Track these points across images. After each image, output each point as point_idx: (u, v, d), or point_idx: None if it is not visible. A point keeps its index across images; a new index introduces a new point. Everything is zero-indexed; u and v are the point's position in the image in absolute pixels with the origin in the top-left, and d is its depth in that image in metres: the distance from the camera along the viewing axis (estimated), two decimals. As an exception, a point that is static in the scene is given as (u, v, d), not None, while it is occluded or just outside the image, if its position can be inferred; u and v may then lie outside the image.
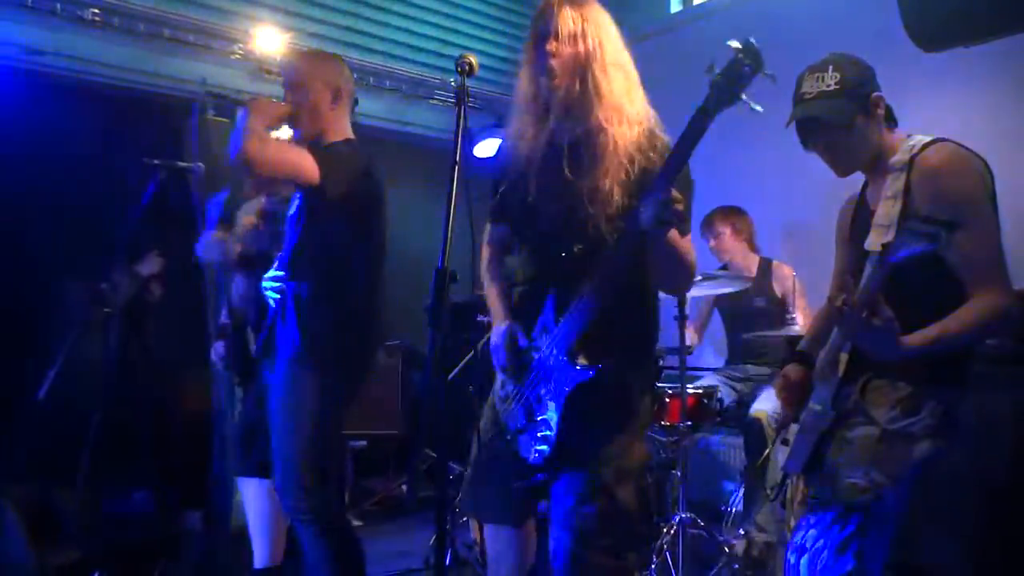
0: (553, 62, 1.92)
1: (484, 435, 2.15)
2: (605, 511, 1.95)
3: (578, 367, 1.92)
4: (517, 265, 2.14)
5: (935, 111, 3.78)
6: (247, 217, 3.19)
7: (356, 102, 4.55)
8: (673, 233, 1.80)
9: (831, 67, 1.95)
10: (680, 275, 2.01)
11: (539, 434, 2.03)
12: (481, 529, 2.64)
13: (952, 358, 1.89)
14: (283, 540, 3.06)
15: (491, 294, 2.19)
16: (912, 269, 1.65)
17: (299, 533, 2.57)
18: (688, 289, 2.09)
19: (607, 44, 1.94)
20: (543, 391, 2.01)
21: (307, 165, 2.35)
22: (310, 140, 2.60)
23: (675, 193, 1.69)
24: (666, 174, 1.71)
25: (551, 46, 1.92)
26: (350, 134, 2.64)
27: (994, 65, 3.65)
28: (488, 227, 2.25)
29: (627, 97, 1.95)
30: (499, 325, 2.10)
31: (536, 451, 2.03)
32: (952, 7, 3.09)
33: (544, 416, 2.02)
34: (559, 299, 1.95)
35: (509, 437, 2.10)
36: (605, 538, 1.95)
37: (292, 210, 2.67)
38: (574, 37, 1.92)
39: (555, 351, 1.96)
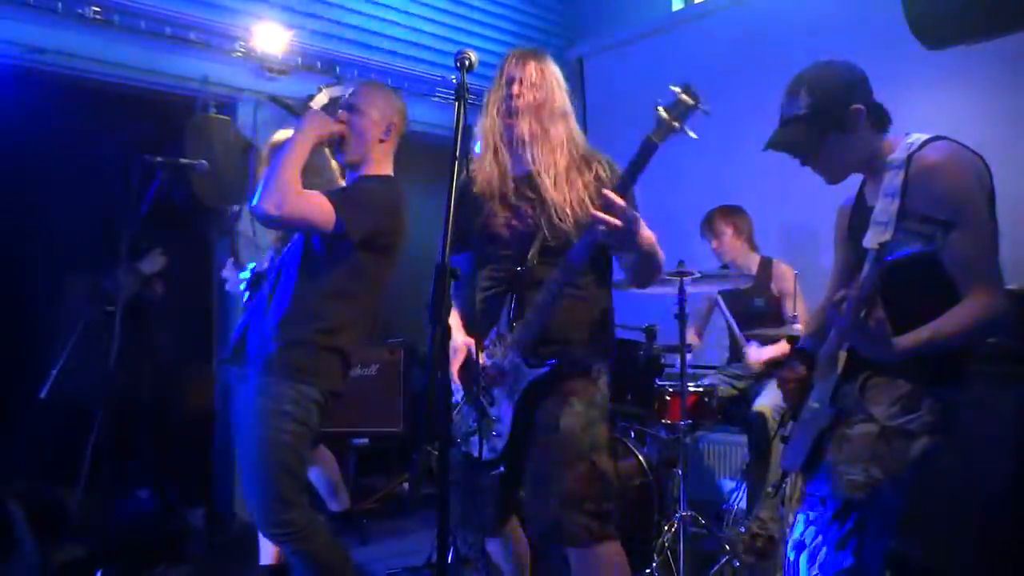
0: (518, 103, 2.23)
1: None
2: (588, 475, 2.15)
3: (532, 366, 2.17)
4: (481, 278, 2.37)
5: (938, 109, 3.78)
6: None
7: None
8: (650, 233, 2.06)
9: (803, 90, 1.97)
10: (653, 270, 2.23)
11: (492, 432, 2.22)
12: None
13: (951, 356, 1.89)
14: None
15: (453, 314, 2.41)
16: (906, 268, 1.65)
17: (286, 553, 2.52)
18: (651, 284, 2.34)
19: (558, 93, 2.28)
20: (495, 391, 2.23)
21: (320, 216, 2.40)
22: (350, 166, 2.63)
23: (626, 205, 1.93)
24: (618, 188, 1.97)
25: (515, 90, 2.24)
26: (390, 171, 2.66)
27: (998, 64, 3.64)
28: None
29: (570, 136, 2.28)
30: (455, 340, 2.30)
31: (489, 447, 2.22)
32: (956, 5, 3.09)
33: (496, 414, 2.22)
34: (516, 307, 2.21)
35: (460, 440, 2.30)
36: (589, 503, 2.14)
37: None
38: (534, 85, 2.25)
39: (510, 355, 2.19)
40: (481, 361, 2.25)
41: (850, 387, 1.96)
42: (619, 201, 1.91)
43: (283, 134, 3.24)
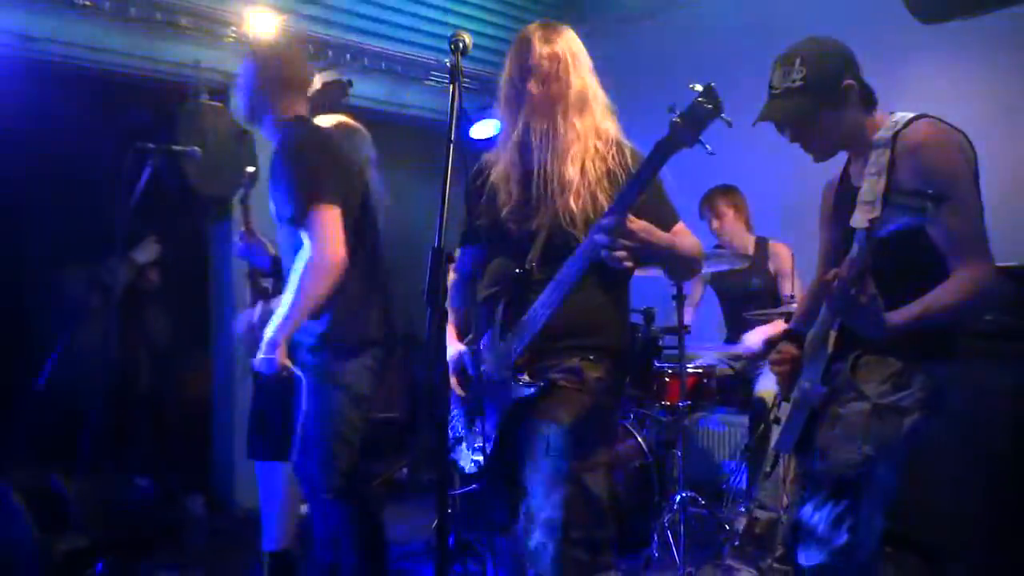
0: (530, 90, 2.03)
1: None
2: (574, 500, 1.92)
3: (520, 383, 1.98)
4: (485, 277, 2.21)
5: (933, 83, 3.77)
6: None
7: (350, 84, 4.54)
8: (666, 237, 1.93)
9: (798, 60, 1.94)
10: (683, 265, 2.11)
11: (476, 444, 2.10)
12: None
13: (941, 333, 1.89)
14: (294, 524, 3.08)
15: (449, 319, 2.27)
16: (894, 245, 1.65)
17: (322, 512, 2.63)
18: (696, 273, 2.20)
19: (577, 75, 2.06)
20: (485, 403, 2.10)
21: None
22: (257, 121, 2.72)
23: (631, 224, 1.79)
24: (620, 202, 1.81)
25: (527, 75, 2.04)
26: (302, 111, 2.72)
27: (992, 37, 3.63)
28: (458, 252, 2.30)
29: (590, 125, 2.06)
30: (451, 348, 2.18)
31: (472, 461, 2.12)
32: (950, -21, 3.08)
33: (483, 429, 2.09)
34: (507, 314, 2.04)
35: (450, 447, 2.19)
36: (576, 530, 1.92)
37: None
38: (547, 72, 2.03)
39: (500, 364, 2.04)
40: (475, 369, 2.12)
41: (841, 366, 1.96)
42: (618, 227, 1.76)
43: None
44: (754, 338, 3.83)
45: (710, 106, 1.66)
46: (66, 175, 4.12)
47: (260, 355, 2.46)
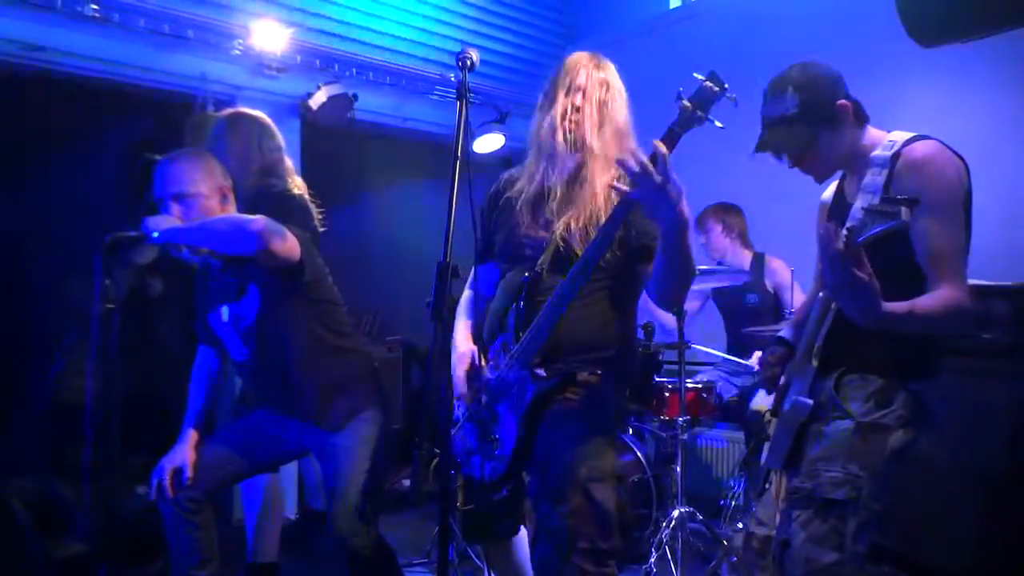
0: (575, 116, 2.10)
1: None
2: (581, 510, 1.95)
3: (537, 378, 2.03)
4: (498, 289, 2.24)
5: (932, 106, 3.79)
6: None
7: (355, 97, 4.57)
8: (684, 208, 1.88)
9: (790, 88, 1.97)
10: (682, 271, 1.99)
11: (494, 451, 2.09)
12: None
13: (922, 351, 1.92)
14: (279, 536, 3.08)
15: (458, 326, 2.31)
16: (873, 253, 1.63)
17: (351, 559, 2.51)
18: (682, 297, 2.17)
19: (617, 106, 2.15)
20: (499, 407, 2.10)
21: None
22: None
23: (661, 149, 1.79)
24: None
25: (575, 99, 2.11)
26: None
27: (991, 60, 3.66)
28: (473, 270, 2.33)
29: (618, 148, 2.10)
30: (459, 347, 2.22)
31: (491, 468, 2.10)
32: (949, 2, 3.10)
33: (499, 433, 2.09)
34: (521, 317, 2.07)
35: (461, 460, 2.18)
36: (583, 540, 1.95)
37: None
38: (592, 96, 2.11)
39: (515, 365, 2.06)
40: (484, 373, 2.13)
41: (826, 383, 1.98)
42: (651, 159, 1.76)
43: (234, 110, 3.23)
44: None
45: (715, 88, 1.81)
46: (72, 185, 4.15)
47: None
